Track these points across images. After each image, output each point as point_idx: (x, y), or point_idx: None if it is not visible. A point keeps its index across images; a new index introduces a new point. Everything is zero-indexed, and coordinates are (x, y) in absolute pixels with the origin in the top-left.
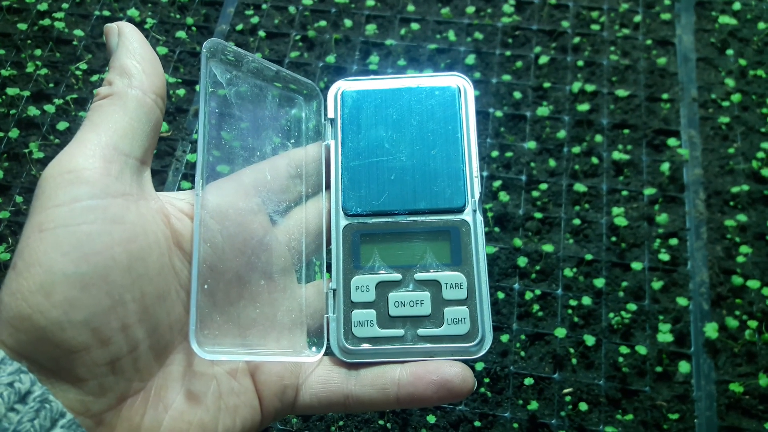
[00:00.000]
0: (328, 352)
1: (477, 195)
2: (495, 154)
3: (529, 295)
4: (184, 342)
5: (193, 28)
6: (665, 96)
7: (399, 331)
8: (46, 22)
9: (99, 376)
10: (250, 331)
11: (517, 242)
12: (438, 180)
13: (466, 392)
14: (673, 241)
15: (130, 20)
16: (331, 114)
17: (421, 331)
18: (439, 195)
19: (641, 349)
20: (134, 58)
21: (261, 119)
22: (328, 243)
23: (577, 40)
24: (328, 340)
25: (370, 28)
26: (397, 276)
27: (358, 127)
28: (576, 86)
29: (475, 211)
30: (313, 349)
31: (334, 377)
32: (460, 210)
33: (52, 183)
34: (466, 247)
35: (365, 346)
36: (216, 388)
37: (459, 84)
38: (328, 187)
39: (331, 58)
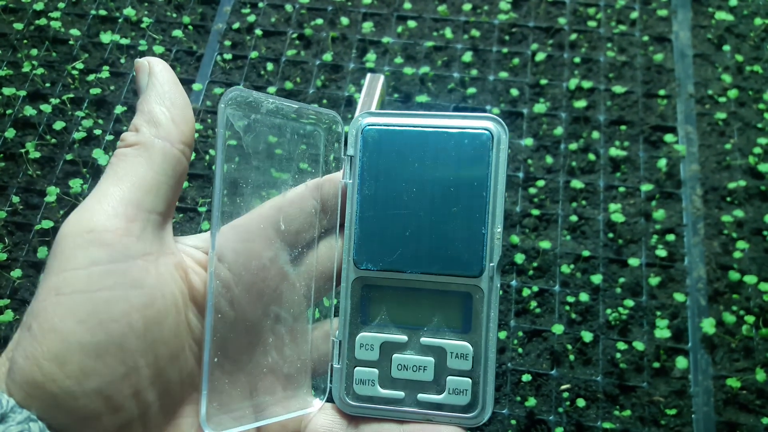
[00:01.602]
0: (331, 399)
1: (496, 260)
2: None
3: (526, 292)
4: (194, 393)
5: (190, 27)
6: (662, 92)
7: (399, 394)
8: (42, 21)
9: None
10: (259, 384)
11: (515, 239)
12: (456, 241)
13: None
14: (670, 237)
15: (127, 19)
16: (351, 151)
17: (421, 397)
18: (455, 257)
19: (639, 345)
20: (164, 104)
21: (279, 159)
22: (338, 285)
23: (573, 36)
24: (330, 387)
25: (367, 26)
26: (403, 338)
27: (377, 171)
28: (573, 83)
29: (491, 277)
30: (316, 399)
31: (335, 429)
32: (476, 275)
33: (71, 243)
34: (477, 314)
35: (365, 404)
36: None
37: (492, 130)
38: (342, 225)
39: (327, 56)
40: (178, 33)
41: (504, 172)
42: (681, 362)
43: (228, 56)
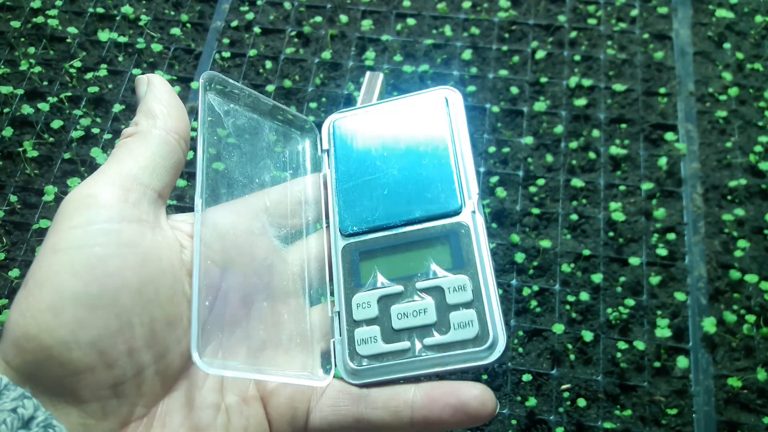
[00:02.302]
0: (339, 376)
1: (474, 196)
2: (492, 149)
3: (526, 291)
4: (193, 369)
5: (188, 25)
6: (662, 90)
7: (405, 344)
8: (40, 19)
9: (102, 398)
10: (259, 353)
11: (515, 238)
12: (431, 187)
13: (486, 416)
14: (671, 236)
15: (124, 17)
16: (325, 145)
17: (428, 341)
18: (433, 201)
19: (639, 345)
20: (161, 102)
21: (259, 151)
22: (330, 268)
23: (573, 34)
24: (335, 364)
25: (366, 24)
26: (399, 288)
27: (350, 152)
28: (573, 81)
29: (474, 211)
30: (321, 372)
31: (344, 400)
32: (457, 213)
33: (70, 206)
34: (467, 248)
35: (371, 363)
36: (225, 417)
37: (446, 95)
38: (327, 215)
39: (326, 54)
40: (176, 31)
41: (464, 125)
42: (682, 362)
43: (226, 54)
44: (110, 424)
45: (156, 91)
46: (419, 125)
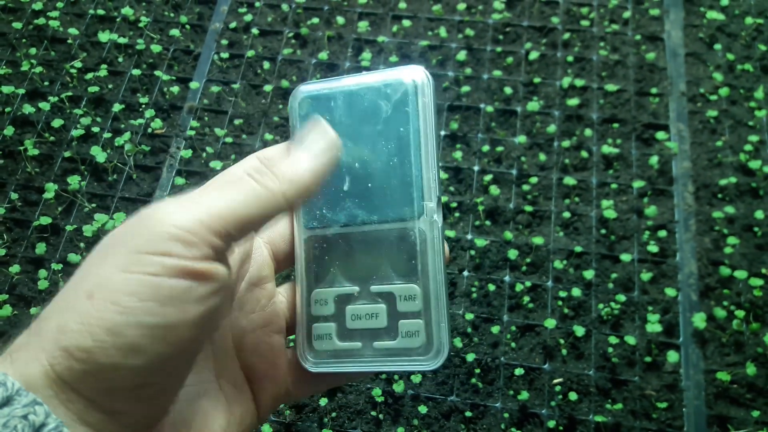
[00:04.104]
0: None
1: (434, 200)
2: (486, 148)
3: (519, 287)
4: (192, 362)
5: (187, 26)
6: (654, 90)
7: (357, 344)
8: (41, 21)
9: (136, 410)
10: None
11: (508, 235)
12: (391, 187)
13: None
14: (662, 233)
15: (125, 18)
16: (291, 121)
17: (377, 344)
18: (392, 203)
19: (630, 340)
20: (312, 171)
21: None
22: (293, 255)
23: (567, 36)
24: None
25: (363, 26)
26: (354, 288)
27: None
28: (566, 81)
29: (431, 218)
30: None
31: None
32: (411, 218)
33: (153, 229)
34: (422, 256)
35: (325, 359)
36: (224, 402)
37: (414, 78)
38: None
39: (323, 55)
40: (175, 32)
41: (432, 117)
42: (672, 356)
43: (225, 55)
44: (138, 428)
45: (314, 145)
46: (385, 113)
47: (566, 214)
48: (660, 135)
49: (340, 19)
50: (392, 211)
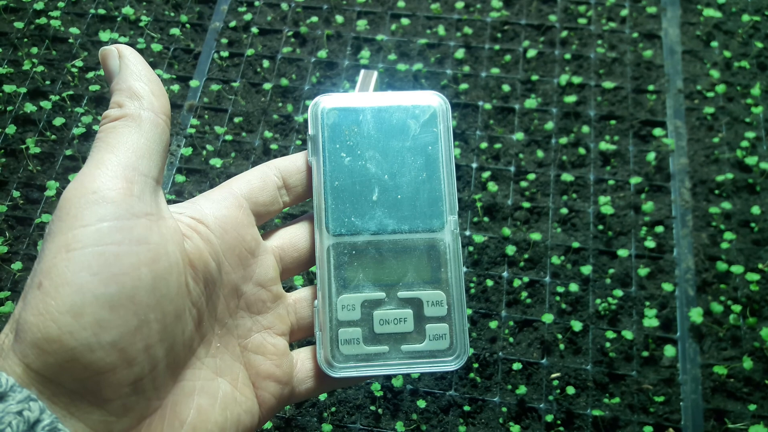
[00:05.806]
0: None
1: (455, 214)
2: (484, 145)
3: (517, 283)
4: (192, 358)
5: (187, 26)
6: (651, 88)
7: (384, 348)
8: (43, 20)
9: (123, 396)
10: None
11: (506, 231)
12: (419, 200)
13: None
14: (659, 229)
15: (125, 18)
16: (311, 130)
17: (405, 347)
18: (419, 215)
19: (628, 335)
20: (141, 80)
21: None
22: (313, 260)
23: (564, 33)
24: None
25: (361, 24)
26: (381, 294)
27: (340, 146)
28: (564, 79)
29: (453, 229)
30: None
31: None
32: (439, 230)
33: (76, 203)
34: (445, 265)
35: (351, 361)
36: (222, 401)
37: (438, 103)
38: (310, 199)
39: (322, 54)
40: (175, 31)
41: (451, 139)
42: (669, 351)
43: (225, 54)
44: (130, 420)
45: (132, 66)
46: (412, 131)
47: (564, 211)
48: (657, 132)
49: (339, 18)
50: (422, 222)
